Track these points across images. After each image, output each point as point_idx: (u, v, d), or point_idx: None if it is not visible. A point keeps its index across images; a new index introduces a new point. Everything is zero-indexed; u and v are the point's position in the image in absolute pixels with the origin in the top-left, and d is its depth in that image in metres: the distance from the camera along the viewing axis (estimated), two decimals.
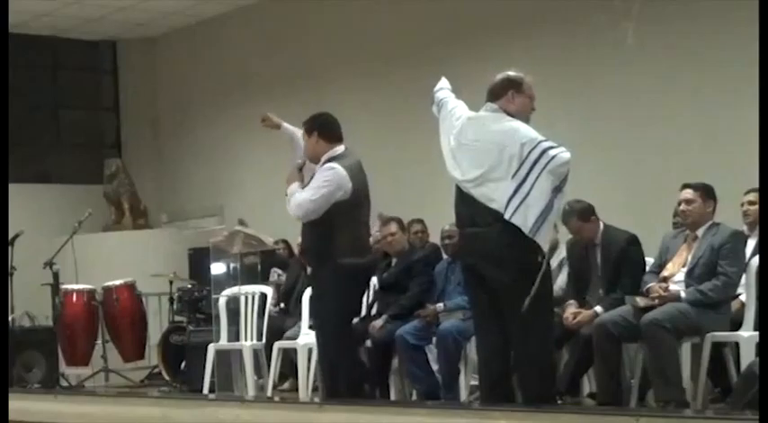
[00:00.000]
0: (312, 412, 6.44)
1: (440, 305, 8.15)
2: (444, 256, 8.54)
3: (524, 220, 5.93)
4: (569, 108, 9.90)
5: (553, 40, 10.58)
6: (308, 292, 9.02)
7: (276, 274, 10.47)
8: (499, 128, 6.10)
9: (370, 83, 12.20)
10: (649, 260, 7.22)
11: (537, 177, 5.92)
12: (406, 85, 11.76)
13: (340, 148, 7.01)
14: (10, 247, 10.60)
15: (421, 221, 9.10)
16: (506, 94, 6.18)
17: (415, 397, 8.18)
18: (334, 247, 6.88)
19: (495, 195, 6.01)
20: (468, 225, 6.20)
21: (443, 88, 6.65)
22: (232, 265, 9.57)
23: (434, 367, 8.19)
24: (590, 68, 10.38)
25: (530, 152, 5.94)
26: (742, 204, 7.55)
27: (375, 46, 12.23)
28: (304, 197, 6.85)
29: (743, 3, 8.72)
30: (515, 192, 5.94)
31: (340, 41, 12.59)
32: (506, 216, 5.94)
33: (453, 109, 6.41)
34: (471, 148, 6.15)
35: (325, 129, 7.03)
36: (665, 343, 6.52)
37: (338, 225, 6.87)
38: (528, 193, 5.93)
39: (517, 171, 5.93)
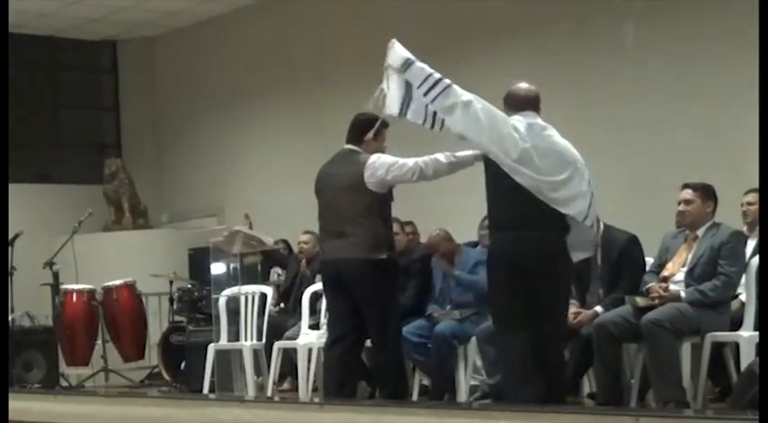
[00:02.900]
0: (312, 412, 6.44)
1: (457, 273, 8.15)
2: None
3: (595, 229, 6.46)
4: (569, 109, 9.90)
5: (553, 42, 10.58)
6: (307, 291, 9.04)
7: (276, 274, 10.47)
8: (563, 140, 6.38)
9: (371, 84, 12.16)
10: (649, 260, 7.21)
11: (592, 195, 6.34)
12: None
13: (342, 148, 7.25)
14: (10, 247, 10.60)
15: (411, 223, 9.12)
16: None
17: (417, 391, 8.19)
18: None
19: (571, 201, 6.24)
20: (512, 227, 6.21)
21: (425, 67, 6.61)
22: (232, 265, 9.58)
23: None
24: (590, 69, 10.38)
25: (586, 171, 6.37)
26: (742, 204, 7.55)
27: (378, 46, 12.19)
28: None
29: (743, 3, 8.72)
30: (591, 203, 6.33)
31: (342, 42, 12.59)
32: (588, 223, 6.29)
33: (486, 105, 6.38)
34: (550, 153, 6.24)
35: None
36: (665, 343, 6.52)
37: None
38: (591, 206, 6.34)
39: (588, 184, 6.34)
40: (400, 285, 8.37)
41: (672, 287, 6.75)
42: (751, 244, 7.16)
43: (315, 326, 8.87)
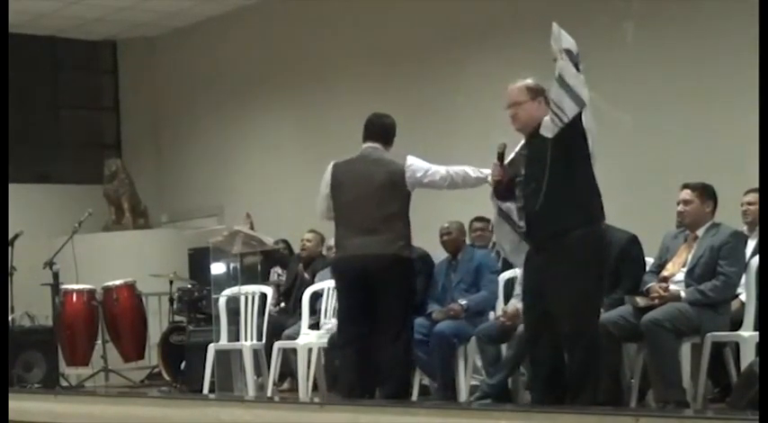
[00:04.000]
0: (312, 412, 6.45)
1: (463, 302, 8.10)
2: (445, 255, 8.54)
3: None
4: None
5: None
6: (308, 291, 9.04)
7: (276, 274, 10.46)
8: None
9: (373, 84, 12.20)
10: (649, 260, 7.21)
11: None
12: (409, 85, 11.78)
13: (363, 146, 7.34)
14: (10, 247, 10.61)
15: None
16: None
17: (417, 391, 8.18)
18: None
19: None
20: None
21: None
22: (232, 265, 9.57)
23: None
24: (590, 70, 10.35)
25: None
26: (742, 204, 7.55)
27: (378, 46, 12.24)
28: None
29: (743, 3, 8.72)
30: None
31: (342, 42, 12.59)
32: None
33: None
34: None
35: (364, 128, 7.40)
36: (665, 343, 6.52)
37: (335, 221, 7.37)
38: None
39: None
40: None
41: (672, 287, 6.75)
42: (751, 244, 7.15)
43: (315, 326, 8.88)
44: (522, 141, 6.40)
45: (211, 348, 9.21)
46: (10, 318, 10.55)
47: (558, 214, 6.08)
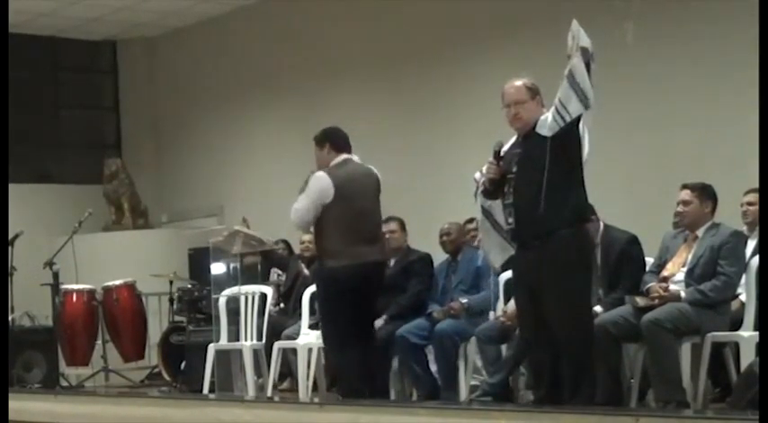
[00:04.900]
0: (312, 412, 6.45)
1: (464, 300, 8.11)
2: (445, 255, 8.55)
3: None
4: None
5: (553, 42, 10.55)
6: (307, 291, 9.04)
7: (276, 274, 10.46)
8: None
9: (371, 84, 12.20)
10: (649, 260, 7.21)
11: None
12: (409, 86, 11.77)
13: (342, 157, 7.49)
14: (10, 247, 10.61)
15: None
16: None
17: (414, 397, 8.18)
18: (322, 248, 7.48)
19: None
20: None
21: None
22: (232, 265, 9.58)
23: (433, 368, 8.20)
24: None
25: None
26: (742, 204, 7.55)
27: (378, 47, 12.23)
28: (293, 206, 7.47)
29: (743, 3, 8.73)
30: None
31: (342, 42, 12.59)
32: None
33: None
34: None
35: (334, 140, 7.58)
36: (665, 343, 6.52)
37: (325, 227, 7.42)
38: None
39: None
40: (401, 285, 8.41)
41: (672, 287, 6.75)
42: (751, 244, 7.15)
43: (315, 326, 8.87)
44: (513, 140, 6.40)
45: (211, 348, 9.21)
46: (10, 318, 10.55)
47: (549, 213, 6.08)
